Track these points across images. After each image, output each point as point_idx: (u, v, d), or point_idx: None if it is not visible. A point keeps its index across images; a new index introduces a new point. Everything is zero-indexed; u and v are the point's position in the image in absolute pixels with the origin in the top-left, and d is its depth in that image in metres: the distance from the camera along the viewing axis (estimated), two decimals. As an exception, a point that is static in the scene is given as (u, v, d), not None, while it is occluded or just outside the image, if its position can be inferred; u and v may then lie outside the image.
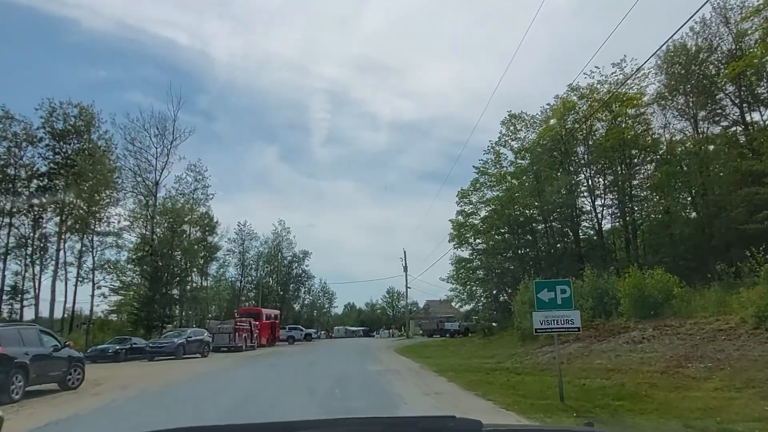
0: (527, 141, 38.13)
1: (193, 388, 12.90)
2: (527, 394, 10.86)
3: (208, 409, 9.18)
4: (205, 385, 13.46)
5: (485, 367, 18.51)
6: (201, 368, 19.19)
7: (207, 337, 28.18)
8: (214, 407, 9.42)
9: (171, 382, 14.20)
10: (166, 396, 11.08)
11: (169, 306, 35.15)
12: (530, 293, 25.94)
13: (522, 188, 36.60)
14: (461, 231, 40.72)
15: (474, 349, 26.47)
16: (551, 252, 37.11)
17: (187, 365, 21.19)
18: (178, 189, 46.56)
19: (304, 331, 57.32)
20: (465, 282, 40.66)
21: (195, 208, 40.58)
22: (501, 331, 29.34)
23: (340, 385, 12.69)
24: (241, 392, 11.83)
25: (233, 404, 9.74)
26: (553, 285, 10.04)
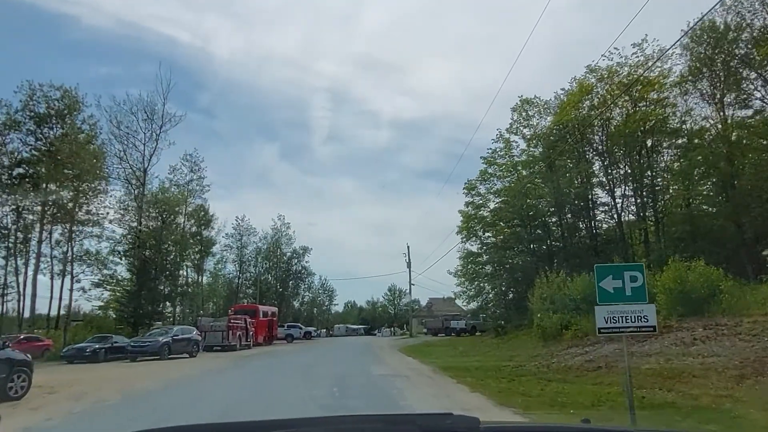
0: (540, 128, 35.84)
1: (164, 397, 10.66)
2: (578, 409, 8.62)
3: None
4: (179, 394, 11.23)
5: (506, 370, 16.27)
6: (184, 371, 16.95)
7: (196, 336, 25.95)
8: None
9: (140, 389, 11.96)
10: (122, 410, 8.85)
11: (158, 302, 32.87)
12: (549, 288, 23.74)
13: (534, 178, 34.28)
14: (470, 224, 38.45)
15: (487, 349, 24.22)
16: (566, 246, 34.81)
17: (170, 367, 18.96)
18: (172, 179, 44.49)
19: (303, 330, 55.05)
20: (473, 277, 38.34)
21: (187, 197, 38.13)
22: (516, 330, 27.09)
23: (341, 395, 10.50)
24: (220, 404, 9.59)
25: (206, 422, 7.53)
26: (619, 271, 7.71)
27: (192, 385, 13.22)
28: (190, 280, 53.14)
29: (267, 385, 12.98)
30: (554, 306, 21.84)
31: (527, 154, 35.53)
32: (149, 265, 32.05)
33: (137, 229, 31.57)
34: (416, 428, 1.69)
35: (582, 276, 22.99)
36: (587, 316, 21.27)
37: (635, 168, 32.60)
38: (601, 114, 31.44)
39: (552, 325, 20.37)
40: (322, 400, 9.45)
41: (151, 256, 32.18)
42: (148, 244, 32.39)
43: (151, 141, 33.92)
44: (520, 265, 36.80)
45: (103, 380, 14.08)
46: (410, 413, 2.43)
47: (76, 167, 32.61)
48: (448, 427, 1.68)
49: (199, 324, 33.00)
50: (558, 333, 20.22)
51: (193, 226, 51.78)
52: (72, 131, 32.62)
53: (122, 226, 34.28)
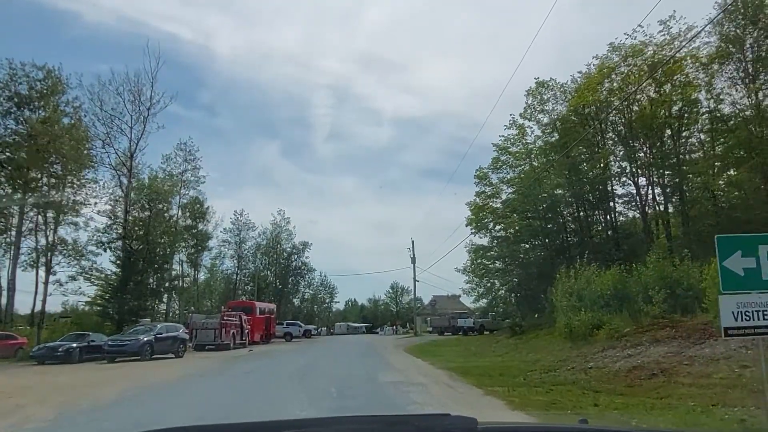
0: (556, 113, 33.40)
1: (114, 414, 8.32)
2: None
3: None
4: (138, 409, 8.91)
5: (535, 376, 13.95)
6: (161, 375, 14.63)
7: (183, 334, 23.64)
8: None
9: (89, 402, 9.63)
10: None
11: (145, 297, 30.53)
12: (576, 283, 21.35)
13: (550, 166, 31.85)
14: (480, 215, 36.08)
15: (504, 349, 21.87)
16: (583, 239, 32.41)
17: (148, 370, 16.65)
18: (165, 169, 42.14)
19: (303, 328, 52.69)
20: (483, 273, 35.98)
21: (180, 186, 35.65)
22: (535, 329, 24.70)
23: (344, 410, 8.20)
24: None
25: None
26: (753, 244, 5.25)
27: (161, 394, 10.89)
28: (187, 276, 51.08)
29: (253, 396, 10.64)
30: (582, 303, 19.47)
31: (543, 140, 33.10)
32: (136, 258, 29.71)
33: (123, 219, 29.18)
34: (414, 429, 1.67)
35: (611, 269, 20.64)
36: (619, 314, 19.01)
37: (659, 155, 30.17)
38: (627, 96, 28.96)
39: (581, 323, 17.98)
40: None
41: (139, 248, 29.81)
42: (135, 235, 30.03)
43: (139, 124, 31.61)
44: (534, 259, 34.46)
45: (57, 388, 11.75)
46: (408, 414, 2.45)
47: (59, 153, 30.30)
48: (446, 428, 1.66)
49: (190, 321, 30.76)
50: (588, 333, 17.85)
51: (187, 219, 49.65)
52: (54, 114, 30.29)
53: (104, 214, 31.89)
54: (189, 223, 49.79)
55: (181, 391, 11.39)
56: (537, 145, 33.53)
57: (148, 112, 31.86)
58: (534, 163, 33.63)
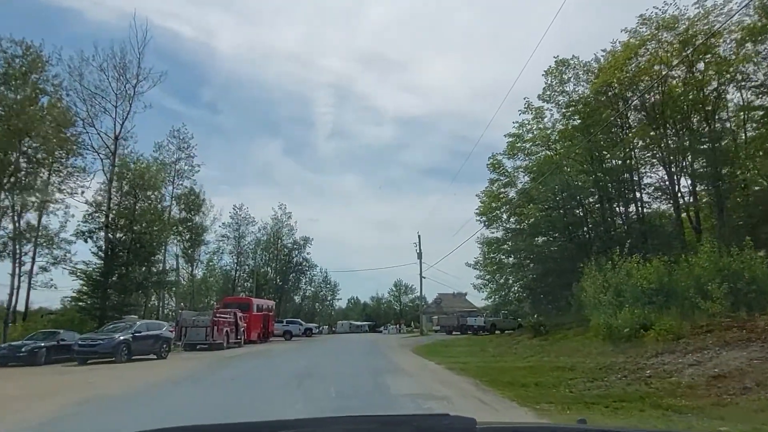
0: (577, 94, 30.78)
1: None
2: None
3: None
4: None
5: (579, 387, 11.41)
6: (128, 382, 12.15)
7: (166, 333, 21.14)
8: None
9: (13, 423, 7.13)
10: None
11: (130, 292, 28.03)
12: (615, 277, 18.75)
13: (573, 152, 29.24)
14: (492, 206, 33.53)
15: (528, 352, 19.30)
16: (609, 231, 29.79)
17: (117, 375, 14.19)
18: (158, 158, 39.74)
19: (303, 326, 50.25)
20: (496, 269, 33.40)
21: (170, 173, 33.10)
22: (559, 329, 22.12)
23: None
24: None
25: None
26: None
27: (111, 411, 8.38)
28: (183, 271, 48.67)
29: (232, 413, 8.11)
30: (622, 299, 16.91)
31: (563, 123, 30.48)
32: (120, 249, 27.23)
33: (106, 207, 26.67)
34: (413, 429, 1.67)
35: (654, 261, 18.05)
36: (666, 311, 16.45)
37: (691, 140, 27.53)
38: (661, 78, 26.31)
39: (625, 323, 15.42)
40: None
41: (122, 239, 27.32)
42: (119, 225, 27.53)
43: (124, 103, 29.10)
44: (552, 253, 31.87)
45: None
46: (407, 414, 2.18)
47: (39, 135, 27.81)
48: (445, 428, 1.66)
49: (179, 318, 28.33)
50: (633, 334, 15.29)
51: (182, 211, 47.31)
52: (33, 91, 27.81)
53: (83, 200, 29.32)
54: (184, 216, 47.58)
55: (139, 405, 8.88)
56: (557, 129, 30.89)
57: (134, 90, 29.39)
58: (553, 149, 31.02)
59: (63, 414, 8.00)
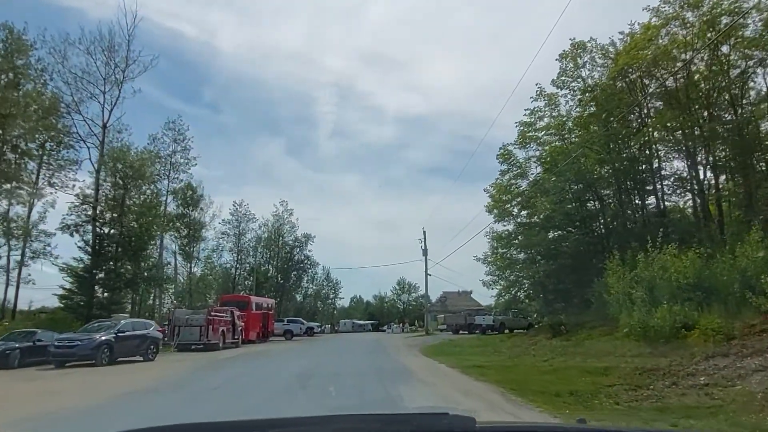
0: (594, 79, 29.00)
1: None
2: None
3: None
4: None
5: (624, 396, 9.76)
6: (95, 391, 10.49)
7: (154, 332, 19.48)
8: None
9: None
10: None
11: (119, 289, 26.35)
12: (647, 271, 17.01)
13: (590, 143, 27.46)
14: (502, 199, 31.78)
15: (549, 354, 17.61)
16: (626, 225, 28.03)
17: (90, 381, 12.55)
18: (153, 151, 38.07)
19: (305, 325, 48.55)
20: (507, 264, 31.66)
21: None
22: (580, 328, 20.39)
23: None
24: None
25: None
26: None
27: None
28: (181, 268, 47.11)
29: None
30: (657, 295, 15.19)
31: (579, 109, 28.67)
32: (108, 243, 25.57)
33: (94, 198, 24.97)
34: (413, 428, 1.68)
35: (690, 253, 16.31)
36: (707, 308, 14.75)
37: (714, 128, 25.75)
38: (687, 62, 24.53)
39: (664, 322, 13.69)
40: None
41: (110, 232, 25.63)
42: (108, 217, 25.85)
43: (113, 88, 27.40)
44: (566, 248, 30.10)
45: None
46: (407, 413, 2.35)
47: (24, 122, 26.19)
48: (445, 427, 1.66)
49: (172, 317, 26.70)
50: (673, 334, 13.58)
51: (179, 207, 45.79)
52: (16, 76, 26.17)
53: (66, 191, 27.66)
54: (181, 211, 46.05)
55: (95, 424, 7.19)
56: (572, 116, 29.11)
57: (123, 75, 27.67)
58: (567, 139, 29.27)
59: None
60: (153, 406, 8.63)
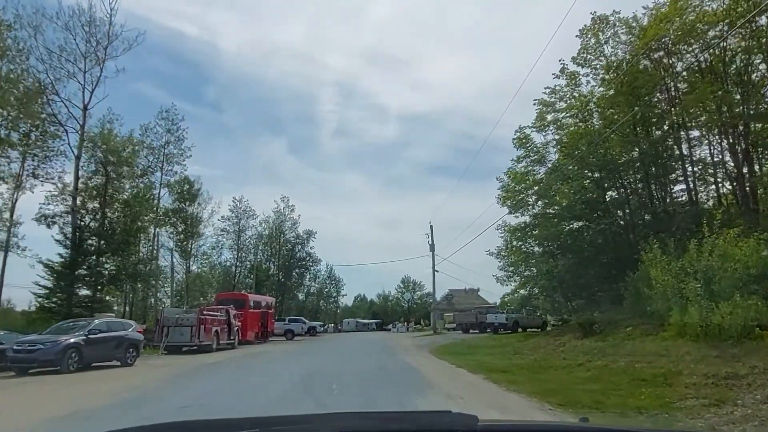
0: (617, 56, 26.69)
1: None
2: None
3: None
4: None
5: (711, 416, 7.50)
6: (25, 413, 8.25)
7: (133, 334, 17.24)
8: None
9: None
10: None
11: (102, 286, 24.09)
12: (707, 260, 14.66)
13: (614, 122, 25.13)
14: (516, 189, 29.50)
15: (583, 356, 15.31)
16: (656, 214, 25.72)
17: (37, 394, 10.36)
18: (145, 142, 35.94)
19: (307, 324, 46.35)
20: (523, 258, 29.37)
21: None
22: (613, 327, 18.07)
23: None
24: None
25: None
26: None
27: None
28: (179, 266, 45.07)
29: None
30: (713, 288, 12.91)
31: (601, 91, 26.38)
32: (88, 236, 23.36)
33: (73, 187, 22.74)
34: (415, 426, 1.69)
35: (750, 240, 14.02)
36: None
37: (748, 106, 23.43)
38: (724, 37, 22.20)
39: (732, 320, 11.42)
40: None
41: (93, 224, 23.39)
42: (90, 207, 23.62)
43: (95, 67, 25.12)
44: (586, 239, 27.81)
45: None
46: (409, 411, 2.32)
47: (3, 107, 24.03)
48: (447, 426, 1.67)
49: (160, 316, 24.56)
50: (744, 334, 11.31)
51: (175, 201, 43.75)
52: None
53: (44, 179, 25.46)
54: (177, 206, 44.00)
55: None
56: (595, 96, 26.76)
57: (105, 52, 25.38)
58: (590, 120, 26.97)
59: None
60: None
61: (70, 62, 24.63)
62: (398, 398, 9.12)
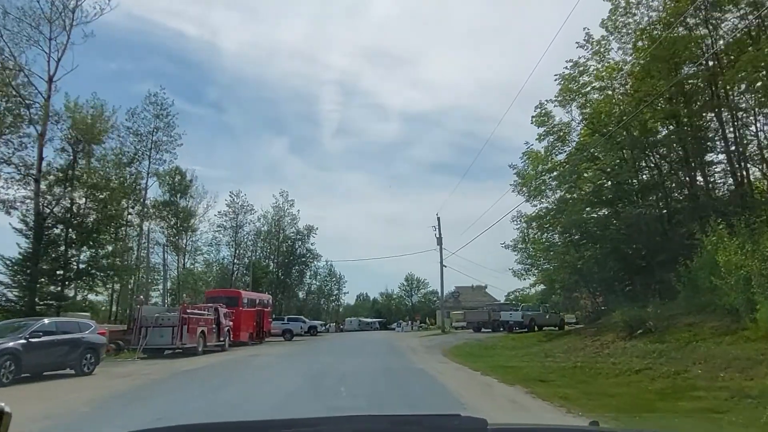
0: (649, 19, 23.72)
1: None
2: None
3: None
4: None
5: None
6: None
7: (91, 336, 14.33)
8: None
9: None
10: None
11: (69, 281, 21.21)
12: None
13: (650, 93, 22.16)
14: (532, 174, 26.60)
15: (638, 360, 12.42)
16: (696, 197, 22.78)
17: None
18: (131, 127, 33.14)
19: (307, 324, 43.49)
20: (546, 248, 26.47)
21: (146, 144, 26.05)
22: (668, 325, 15.11)
23: None
24: None
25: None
26: None
27: None
28: (172, 262, 42.42)
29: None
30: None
31: (636, 55, 23.37)
32: (54, 224, 20.51)
33: (37, 169, 19.88)
34: (424, 429, 1.68)
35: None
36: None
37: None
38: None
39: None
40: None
41: (54, 209, 20.51)
42: (54, 193, 20.77)
43: (61, 36, 22.23)
44: (616, 226, 24.90)
45: None
46: (418, 414, 1.92)
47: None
48: (456, 429, 1.66)
49: (139, 315, 21.75)
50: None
51: (166, 192, 41.06)
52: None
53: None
54: (168, 198, 41.32)
55: None
56: (626, 63, 23.79)
57: (72, 15, 22.42)
58: (620, 92, 24.03)
59: None
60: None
61: (33, 27, 21.74)
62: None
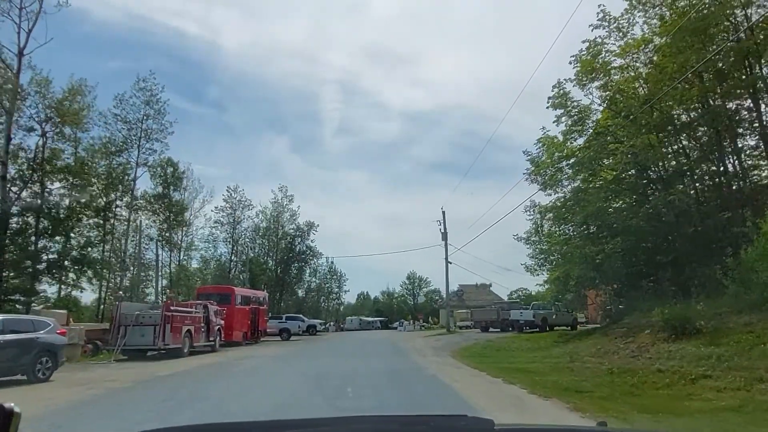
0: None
1: None
2: None
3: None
4: None
5: None
6: None
7: (49, 336, 12.33)
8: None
9: None
10: None
11: (37, 273, 19.17)
12: None
13: (679, 71, 20.12)
14: (548, 162, 24.64)
15: (695, 366, 10.43)
16: (729, 185, 20.77)
17: None
18: (120, 114, 31.25)
19: (305, 322, 41.47)
20: (565, 241, 24.49)
21: (136, 132, 24.07)
22: (718, 325, 13.09)
23: None
24: None
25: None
26: None
27: None
28: (168, 259, 40.59)
29: None
30: None
31: (661, 29, 21.34)
32: (22, 213, 18.54)
33: (4, 150, 17.91)
34: (431, 429, 1.68)
35: None
36: None
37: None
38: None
39: None
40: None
41: (22, 194, 18.55)
42: (20, 175, 18.75)
43: (33, 3, 20.19)
44: (641, 218, 22.87)
45: None
46: (425, 414, 1.86)
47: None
48: (463, 429, 1.66)
49: (117, 312, 19.81)
50: None
51: (158, 185, 39.20)
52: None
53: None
54: (160, 191, 39.44)
55: None
56: (651, 39, 21.75)
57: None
58: (647, 68, 22.00)
59: None
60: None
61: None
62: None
